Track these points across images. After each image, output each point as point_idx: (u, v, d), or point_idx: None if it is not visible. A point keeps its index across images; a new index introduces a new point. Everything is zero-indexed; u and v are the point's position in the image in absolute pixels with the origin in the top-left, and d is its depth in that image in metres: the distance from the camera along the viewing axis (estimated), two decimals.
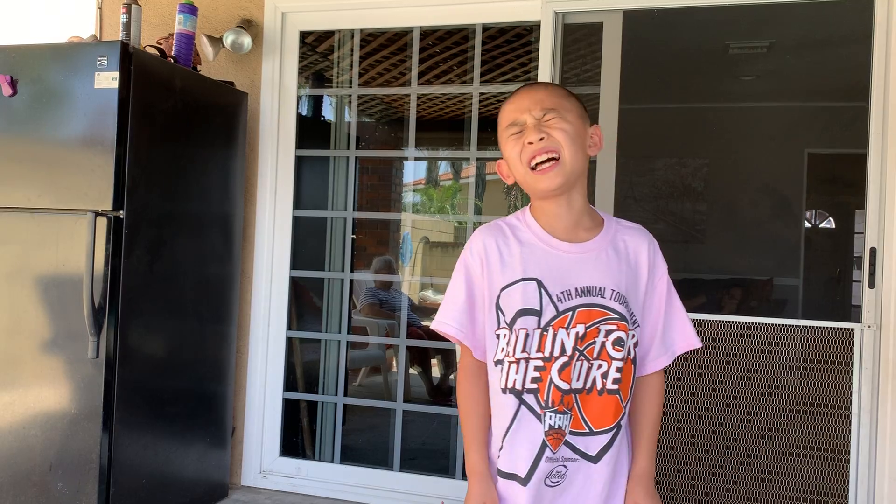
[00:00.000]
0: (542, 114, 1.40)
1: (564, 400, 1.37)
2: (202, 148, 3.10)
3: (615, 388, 1.39)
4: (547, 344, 1.37)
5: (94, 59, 2.63)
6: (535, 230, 1.44)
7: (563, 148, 1.39)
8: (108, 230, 2.61)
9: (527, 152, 1.39)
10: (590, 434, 1.39)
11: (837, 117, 4.90)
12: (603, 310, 1.38)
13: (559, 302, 1.38)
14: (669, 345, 1.47)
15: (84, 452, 2.61)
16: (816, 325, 2.80)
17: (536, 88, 1.46)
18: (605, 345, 1.38)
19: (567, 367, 1.37)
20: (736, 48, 4.62)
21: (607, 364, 1.38)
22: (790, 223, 5.65)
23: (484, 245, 1.43)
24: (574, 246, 1.42)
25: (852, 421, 2.72)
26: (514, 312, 1.38)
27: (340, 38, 3.71)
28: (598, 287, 1.39)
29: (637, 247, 1.45)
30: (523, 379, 1.38)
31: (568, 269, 1.40)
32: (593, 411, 1.38)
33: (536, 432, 1.37)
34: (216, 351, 3.21)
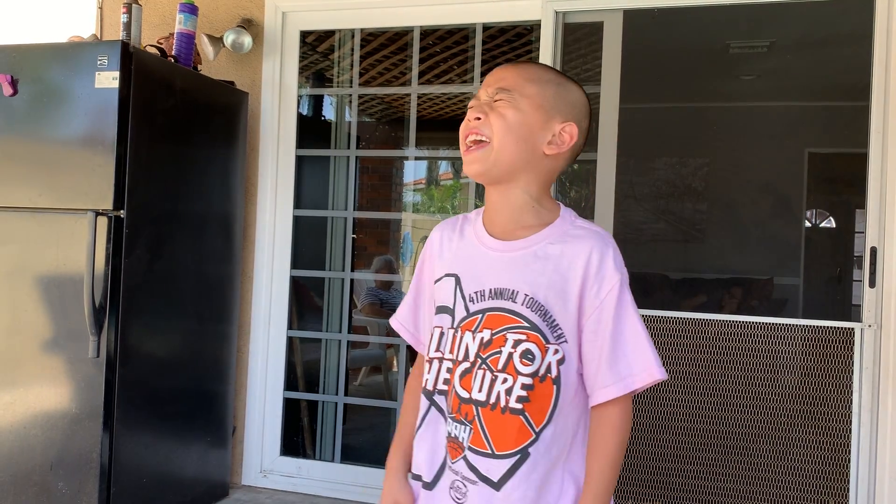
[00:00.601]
0: (496, 92, 1.26)
1: (463, 409, 1.22)
2: (203, 147, 3.10)
3: (519, 407, 1.19)
4: (455, 345, 1.25)
5: (94, 59, 2.63)
6: (476, 225, 1.32)
7: (495, 135, 1.23)
8: (108, 230, 2.61)
9: (463, 130, 1.28)
10: (491, 456, 1.20)
11: (838, 116, 4.90)
12: (512, 316, 1.21)
13: (471, 302, 1.25)
14: (624, 374, 1.20)
15: (85, 452, 2.61)
16: (817, 325, 2.80)
17: (509, 65, 1.31)
18: (511, 356, 1.20)
19: (468, 373, 1.23)
20: (736, 47, 4.62)
21: (512, 379, 1.19)
22: (791, 222, 5.66)
23: (432, 239, 1.37)
24: (502, 244, 1.26)
25: (853, 420, 2.72)
26: (434, 308, 1.31)
27: (341, 37, 3.71)
28: (511, 290, 1.22)
29: (576, 252, 1.23)
30: (435, 379, 1.27)
31: (487, 268, 1.26)
32: (495, 430, 1.20)
33: (440, 436, 1.27)
34: (217, 350, 3.21)
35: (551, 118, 1.27)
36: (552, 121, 1.27)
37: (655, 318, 2.91)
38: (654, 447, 2.93)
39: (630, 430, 1.24)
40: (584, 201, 3.20)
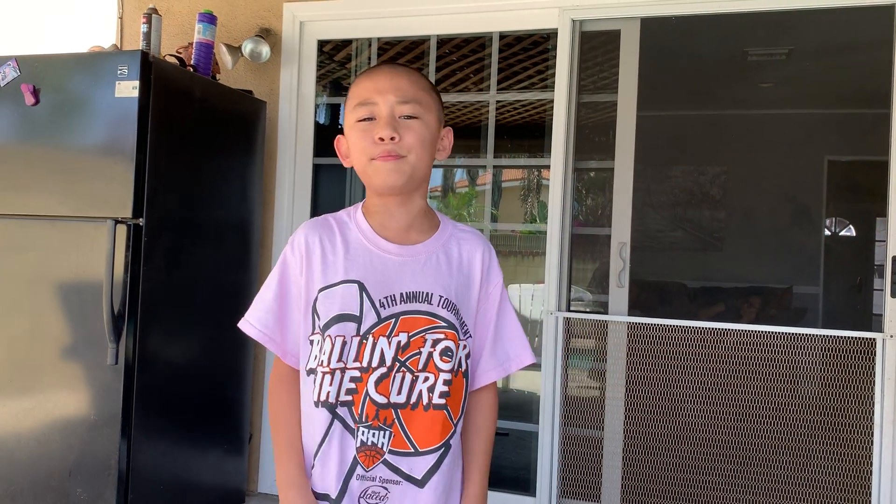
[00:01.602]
0: (399, 104, 1.26)
1: (380, 415, 1.24)
2: (221, 156, 3.12)
3: (442, 402, 1.26)
4: (365, 353, 1.24)
5: (114, 69, 2.65)
6: (363, 229, 1.31)
7: (412, 153, 1.26)
8: (127, 237, 2.63)
9: (375, 149, 1.26)
10: (415, 454, 1.25)
11: (858, 124, 4.86)
12: (430, 317, 1.27)
13: (382, 308, 1.26)
14: (502, 359, 1.35)
15: (103, 458, 2.62)
16: (837, 335, 2.77)
17: (401, 72, 1.30)
18: (431, 355, 1.25)
19: (385, 378, 1.24)
20: (755, 55, 4.60)
21: (434, 376, 1.25)
22: (810, 231, 5.60)
23: (306, 240, 1.30)
24: (402, 248, 1.30)
25: (875, 432, 2.68)
26: (329, 317, 1.25)
27: (358, 46, 3.73)
28: (425, 293, 1.27)
29: (471, 252, 1.33)
30: (338, 391, 1.24)
31: (394, 273, 1.28)
32: (419, 428, 1.25)
33: (349, 448, 1.25)
34: (234, 358, 3.23)
35: (440, 126, 1.33)
36: (440, 128, 1.34)
37: (673, 328, 2.89)
38: (671, 456, 2.90)
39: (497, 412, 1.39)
40: (600, 209, 3.19)
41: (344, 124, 1.34)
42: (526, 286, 5.59)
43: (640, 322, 2.94)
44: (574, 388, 3.12)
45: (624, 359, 2.95)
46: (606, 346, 2.98)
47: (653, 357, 2.91)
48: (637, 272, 3.14)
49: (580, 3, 3.04)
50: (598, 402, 3.00)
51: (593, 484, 2.99)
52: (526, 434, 3.46)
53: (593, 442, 3.00)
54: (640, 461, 2.94)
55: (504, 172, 8.00)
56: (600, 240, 3.15)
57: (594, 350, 3.02)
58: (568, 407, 3.05)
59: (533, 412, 3.16)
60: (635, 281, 3.10)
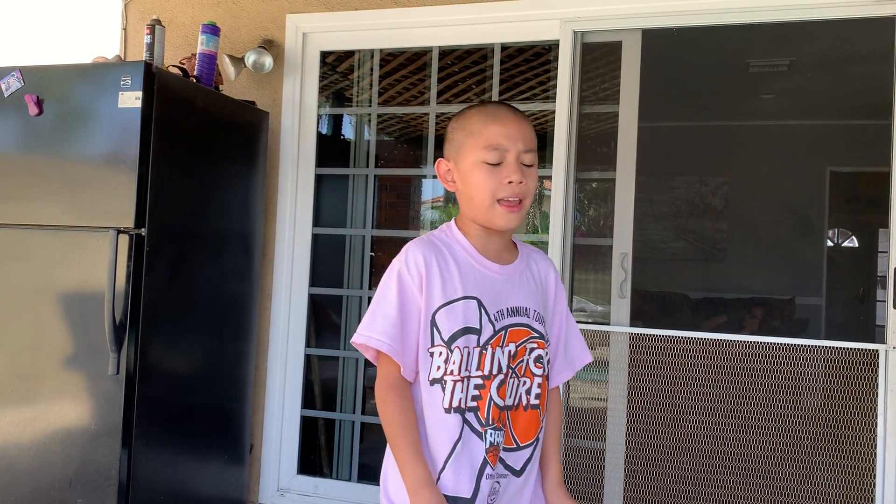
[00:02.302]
0: (524, 153, 1.41)
1: (500, 416, 1.41)
2: (223, 166, 3.13)
3: (537, 403, 1.46)
4: (486, 362, 1.40)
5: (118, 79, 2.67)
6: (468, 250, 1.46)
7: (528, 197, 1.43)
8: (129, 247, 2.64)
9: (504, 190, 1.40)
10: (517, 449, 1.44)
11: (859, 135, 4.86)
12: (528, 329, 1.45)
13: (496, 321, 1.42)
14: (571, 360, 1.57)
15: (104, 468, 2.62)
16: (840, 346, 2.76)
17: (523, 119, 1.45)
18: (528, 362, 1.45)
19: (503, 384, 1.41)
20: (756, 66, 4.61)
21: (530, 381, 1.45)
22: (812, 242, 5.59)
23: (425, 260, 1.40)
24: (502, 268, 1.47)
25: (878, 444, 2.67)
26: (454, 330, 1.38)
27: (360, 57, 3.74)
28: (524, 307, 1.46)
29: (546, 270, 1.55)
30: (465, 397, 1.38)
31: (500, 290, 1.45)
32: (520, 427, 1.44)
33: (478, 451, 1.39)
34: (235, 368, 3.22)
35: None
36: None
37: (676, 339, 2.88)
38: (673, 469, 2.89)
39: None
40: (602, 220, 3.19)
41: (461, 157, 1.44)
42: None
43: (642, 333, 2.93)
44: (576, 399, 3.12)
45: (626, 370, 2.95)
46: (608, 357, 2.98)
47: (655, 368, 2.91)
48: (639, 283, 3.14)
49: (581, 15, 3.05)
50: (601, 413, 3.00)
51: (595, 496, 2.97)
52: None
53: (595, 453, 2.99)
54: (643, 473, 2.93)
55: None
56: (602, 250, 3.15)
57: (596, 361, 3.02)
58: (570, 418, 3.04)
59: None
60: (637, 292, 3.09)
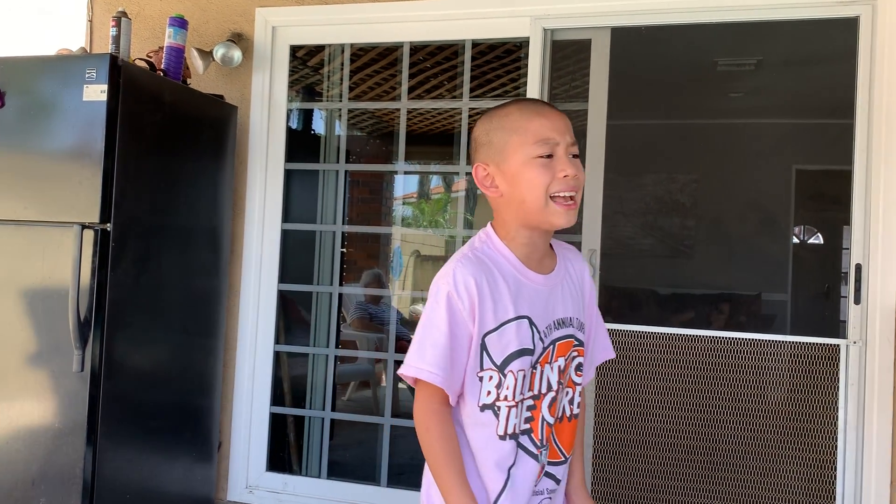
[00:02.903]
0: (572, 144, 1.35)
1: (548, 433, 1.38)
2: (191, 161, 3.10)
3: (577, 412, 1.42)
4: (536, 382, 1.35)
5: (83, 72, 2.63)
6: (513, 263, 1.36)
7: (580, 189, 1.36)
8: (94, 243, 2.60)
9: (559, 184, 1.31)
10: (563, 462, 1.40)
11: (824, 134, 4.94)
12: (572, 339, 1.40)
13: (545, 337, 1.35)
14: (595, 359, 1.51)
15: (68, 467, 2.58)
16: (804, 341, 2.81)
17: (562, 114, 1.38)
18: (570, 371, 1.40)
19: (554, 401, 1.37)
20: (724, 65, 4.66)
21: (572, 390, 1.41)
22: (778, 239, 5.68)
23: (476, 283, 1.31)
24: (545, 279, 1.38)
25: (839, 437, 2.73)
26: (507, 353, 1.31)
27: (331, 52, 3.72)
28: (569, 318, 1.40)
29: (581, 270, 1.47)
30: (519, 422, 1.33)
31: (546, 303, 1.37)
32: (565, 438, 1.40)
33: (532, 473, 1.35)
34: (203, 365, 3.19)
35: None
36: None
37: (644, 334, 2.91)
38: (641, 462, 2.92)
39: None
40: None
41: (508, 157, 1.35)
42: None
43: (611, 328, 2.96)
44: None
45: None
46: None
47: (623, 363, 2.93)
48: (608, 279, 3.16)
49: (551, 13, 3.06)
50: None
51: None
52: None
53: None
54: (610, 467, 2.96)
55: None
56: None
57: None
58: None
59: None
60: (606, 287, 3.12)
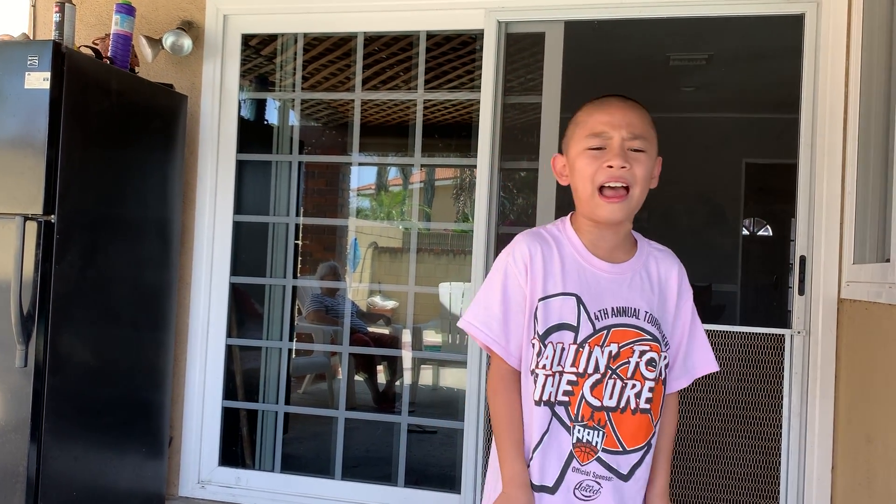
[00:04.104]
0: (631, 138, 1.38)
1: (595, 416, 1.39)
2: (139, 151, 3.03)
3: (647, 407, 1.41)
4: (581, 360, 1.38)
5: (24, 59, 2.55)
6: (576, 246, 1.44)
7: (636, 185, 1.39)
8: (38, 235, 2.53)
9: (603, 174, 1.38)
10: (623, 452, 1.41)
11: (771, 128, 5.05)
12: (637, 330, 1.40)
13: (596, 320, 1.39)
14: (690, 367, 1.51)
15: (10, 465, 2.52)
16: (751, 332, 2.87)
17: (631, 107, 1.42)
18: (638, 365, 1.40)
19: (599, 384, 1.39)
20: (676, 60, 4.73)
21: (640, 384, 1.40)
22: (729, 231, 5.80)
23: (530, 252, 1.42)
24: (612, 266, 1.43)
25: (783, 424, 2.80)
26: (549, 325, 1.39)
27: (284, 41, 3.68)
28: (633, 308, 1.41)
29: (668, 271, 1.48)
30: (556, 391, 1.39)
31: (605, 289, 1.41)
32: (627, 430, 1.40)
33: (565, 444, 1.39)
34: (153, 359, 3.14)
35: (657, 157, 1.45)
36: (656, 160, 1.46)
37: None
38: None
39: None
40: (531, 208, 3.23)
41: (570, 149, 1.45)
42: (457, 284, 5.63)
43: None
44: None
45: None
46: None
47: None
48: None
49: (506, 5, 3.06)
50: None
51: None
52: (453, 432, 3.48)
53: None
54: None
55: (437, 171, 8.02)
56: None
57: None
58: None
59: (459, 410, 3.18)
60: None
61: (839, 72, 2.74)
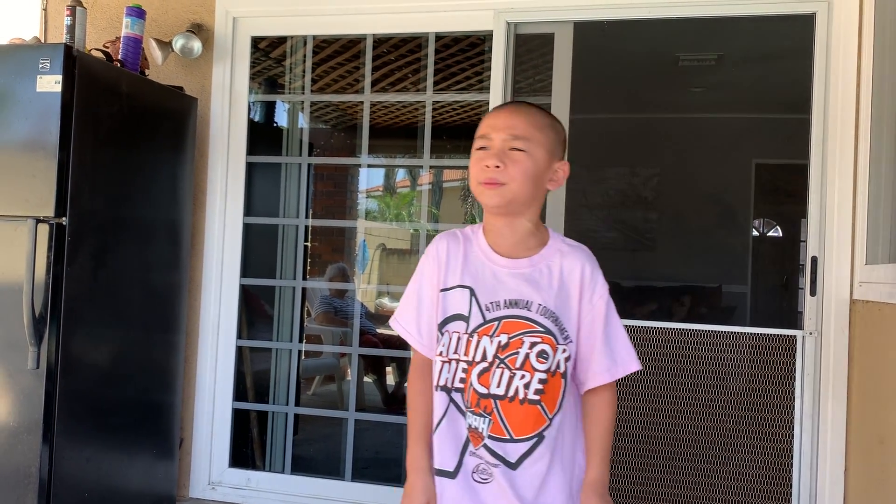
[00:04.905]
0: (512, 139, 1.46)
1: (482, 403, 1.45)
2: (150, 153, 3.05)
3: (537, 398, 1.44)
4: (471, 349, 1.46)
5: (36, 62, 2.56)
6: (481, 244, 1.53)
7: (514, 182, 1.45)
8: (49, 237, 2.55)
9: (481, 173, 1.47)
10: (510, 441, 1.45)
11: (782, 129, 5.03)
12: (528, 322, 1.46)
13: (487, 311, 1.47)
14: (610, 364, 1.51)
15: (23, 466, 2.53)
16: (762, 333, 2.86)
17: (516, 112, 1.51)
18: (528, 356, 1.44)
19: (486, 372, 1.45)
20: (686, 60, 4.71)
21: (530, 375, 1.44)
22: (739, 232, 5.78)
23: (445, 247, 1.54)
24: (510, 262, 1.51)
25: (795, 426, 2.78)
26: (446, 315, 1.50)
27: (293, 44, 3.68)
28: (525, 301, 1.47)
29: (571, 267, 1.51)
30: (453, 378, 1.47)
31: (500, 282, 1.49)
32: (514, 419, 1.44)
33: (461, 429, 1.47)
34: (163, 360, 3.15)
35: (553, 159, 1.51)
36: (553, 161, 1.52)
37: None
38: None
39: (616, 408, 1.55)
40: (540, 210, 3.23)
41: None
42: None
43: None
44: None
45: None
46: None
47: None
48: None
49: (515, 6, 3.06)
50: None
51: None
52: None
53: None
54: None
55: (445, 173, 8.03)
56: None
57: None
58: None
59: None
60: None
61: (851, 72, 2.72)
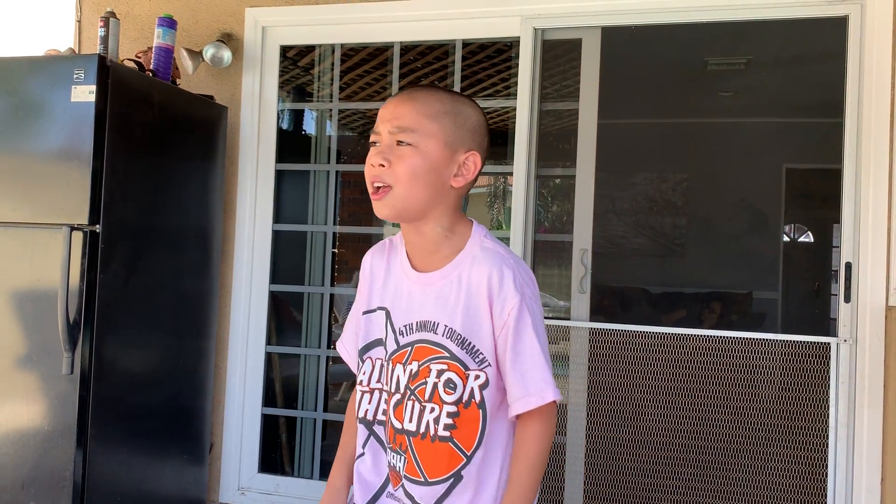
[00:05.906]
0: (397, 132, 1.23)
1: (397, 439, 1.26)
2: (181, 162, 3.09)
3: (447, 434, 1.22)
4: (388, 378, 1.28)
5: (70, 73, 2.61)
6: (401, 257, 1.33)
7: (400, 184, 1.22)
8: (83, 244, 2.59)
9: (367, 172, 1.27)
10: (424, 483, 1.24)
11: (814, 133, 4.96)
12: (435, 347, 1.24)
13: (401, 336, 1.28)
14: (522, 394, 1.22)
15: (57, 470, 2.57)
16: (794, 340, 2.82)
17: (405, 100, 1.26)
18: (436, 386, 1.23)
19: (400, 405, 1.26)
20: (714, 64, 4.67)
21: (438, 408, 1.22)
22: (769, 237, 5.70)
23: (365, 265, 1.37)
24: (422, 276, 1.29)
25: (830, 435, 2.73)
26: (367, 340, 1.33)
27: (321, 52, 3.71)
28: (433, 322, 1.25)
29: (479, 277, 1.24)
30: (375, 410, 1.30)
31: (413, 301, 1.28)
32: (427, 458, 1.23)
33: (382, 465, 1.30)
34: (194, 366, 3.18)
35: (455, 151, 1.26)
36: (456, 154, 1.26)
37: (635, 333, 2.91)
38: (633, 462, 2.93)
39: (551, 439, 1.25)
40: (565, 216, 3.21)
41: None
42: None
43: (602, 328, 2.96)
44: None
45: (586, 364, 2.98)
46: (569, 352, 3.00)
47: (615, 362, 2.94)
48: (599, 278, 3.17)
49: (542, 13, 3.06)
50: (561, 407, 3.02)
51: (556, 490, 3.00)
52: None
53: (556, 448, 3.01)
54: (603, 467, 2.96)
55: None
56: (563, 246, 3.17)
57: (556, 356, 3.04)
58: None
59: None
60: (597, 287, 3.12)
61: (885, 74, 2.68)
